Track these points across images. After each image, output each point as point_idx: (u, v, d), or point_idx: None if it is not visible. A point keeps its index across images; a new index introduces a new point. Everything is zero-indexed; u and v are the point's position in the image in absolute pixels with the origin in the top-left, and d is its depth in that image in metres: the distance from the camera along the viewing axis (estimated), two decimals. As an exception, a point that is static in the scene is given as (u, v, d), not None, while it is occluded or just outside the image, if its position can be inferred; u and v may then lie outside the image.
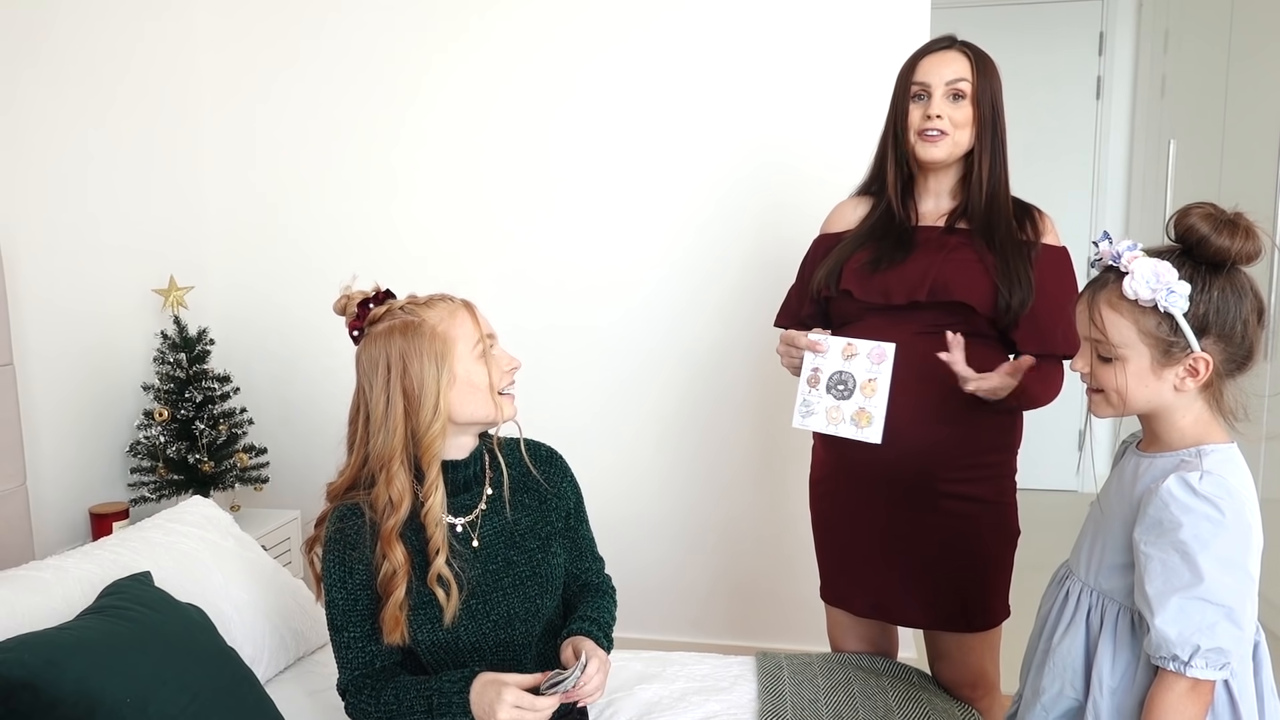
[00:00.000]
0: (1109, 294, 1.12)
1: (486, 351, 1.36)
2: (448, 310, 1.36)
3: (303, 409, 2.83)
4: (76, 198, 2.30)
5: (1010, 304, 1.56)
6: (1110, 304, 1.12)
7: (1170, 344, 1.09)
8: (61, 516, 2.26)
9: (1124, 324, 1.11)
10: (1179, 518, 1.06)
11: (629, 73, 2.58)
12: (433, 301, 1.38)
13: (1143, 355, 1.11)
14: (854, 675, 1.69)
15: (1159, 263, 1.08)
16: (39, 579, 1.49)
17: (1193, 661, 1.05)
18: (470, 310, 1.38)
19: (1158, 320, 1.09)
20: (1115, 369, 1.13)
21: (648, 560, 2.75)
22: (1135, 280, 1.08)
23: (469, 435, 1.42)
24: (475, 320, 1.37)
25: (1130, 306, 1.10)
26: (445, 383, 1.32)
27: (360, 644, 1.36)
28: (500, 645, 1.40)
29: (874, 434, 1.52)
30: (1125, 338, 1.11)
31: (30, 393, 2.15)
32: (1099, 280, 1.15)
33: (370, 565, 1.34)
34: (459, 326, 1.35)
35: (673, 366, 2.68)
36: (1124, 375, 1.12)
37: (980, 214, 1.62)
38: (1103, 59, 4.09)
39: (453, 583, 1.34)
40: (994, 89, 1.61)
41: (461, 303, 1.39)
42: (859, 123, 2.40)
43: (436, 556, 1.33)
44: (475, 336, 1.36)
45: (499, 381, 1.37)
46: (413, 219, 2.73)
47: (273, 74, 2.74)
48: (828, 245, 1.76)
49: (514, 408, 1.41)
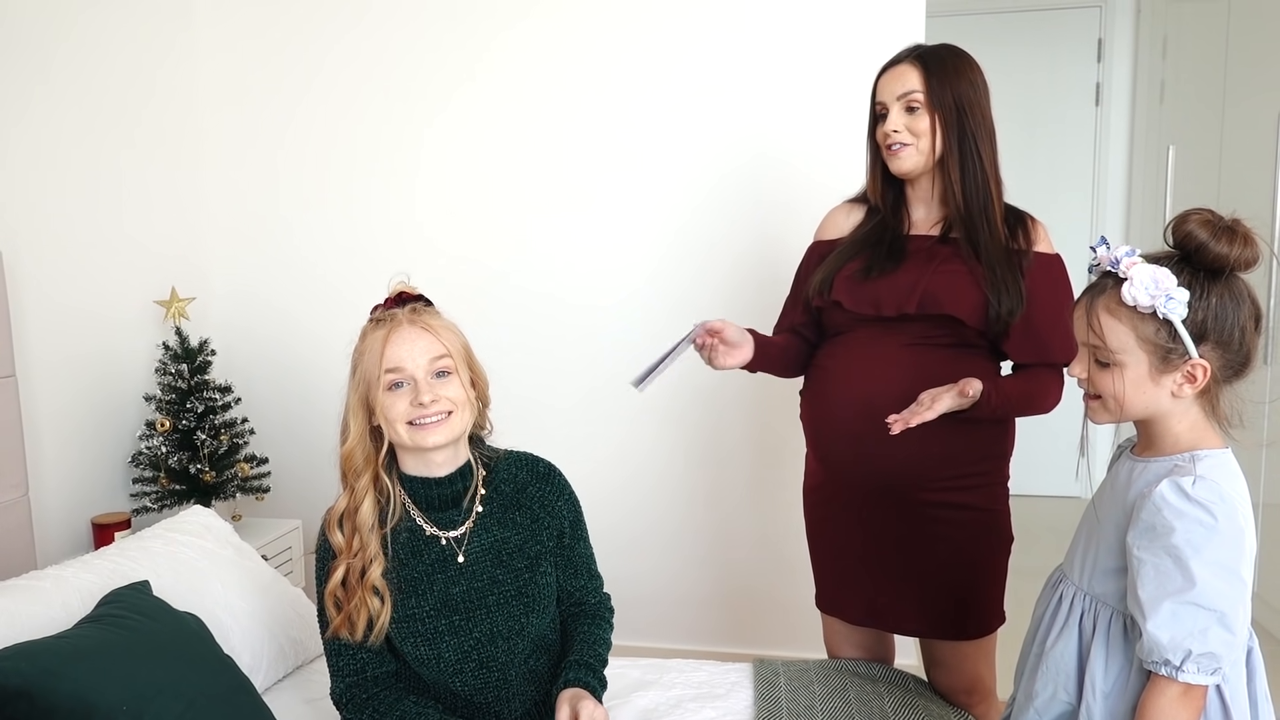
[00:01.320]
0: (1107, 300, 1.12)
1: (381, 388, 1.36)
2: (377, 337, 1.37)
3: (305, 419, 2.84)
4: (79, 208, 2.32)
5: (1000, 313, 1.56)
6: (1108, 310, 1.12)
7: (1168, 350, 1.09)
8: (64, 526, 2.27)
9: (1122, 330, 1.11)
10: (1172, 522, 1.07)
11: (620, 67, 2.59)
12: (383, 320, 1.39)
13: (1141, 361, 1.11)
14: (850, 682, 1.69)
15: (1158, 269, 1.08)
16: (38, 588, 1.50)
17: (1184, 666, 1.05)
18: (386, 341, 1.36)
19: (1156, 326, 1.09)
20: (1113, 375, 1.13)
21: (643, 567, 2.74)
22: (1134, 286, 1.08)
23: (441, 454, 1.41)
24: (382, 353, 1.35)
25: (1129, 312, 1.11)
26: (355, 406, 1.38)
27: (350, 651, 1.37)
28: (483, 663, 1.40)
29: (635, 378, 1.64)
30: (1123, 344, 1.11)
31: (33, 403, 2.16)
32: (1097, 286, 1.15)
33: None
34: (370, 356, 1.37)
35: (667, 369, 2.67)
36: (1122, 381, 1.12)
37: (963, 219, 1.62)
38: (1101, 66, 4.09)
39: (385, 595, 1.36)
40: (957, 92, 1.59)
41: (388, 328, 1.37)
42: (849, 126, 2.41)
43: (371, 565, 1.36)
44: (377, 372, 1.35)
45: (402, 414, 1.36)
46: (413, 225, 2.74)
47: (275, 84, 2.76)
48: (821, 253, 1.77)
49: (434, 436, 1.36)
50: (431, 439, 1.36)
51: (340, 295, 2.78)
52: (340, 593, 1.36)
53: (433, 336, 1.37)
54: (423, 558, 1.41)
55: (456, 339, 1.42)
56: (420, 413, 1.34)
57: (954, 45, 1.65)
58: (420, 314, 1.39)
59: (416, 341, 1.36)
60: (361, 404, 1.38)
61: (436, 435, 1.36)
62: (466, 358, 1.43)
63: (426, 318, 1.39)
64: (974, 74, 1.62)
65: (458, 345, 1.41)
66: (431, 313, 1.42)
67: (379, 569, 1.36)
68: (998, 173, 1.64)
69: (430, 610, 1.38)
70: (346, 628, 1.36)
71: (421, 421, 1.35)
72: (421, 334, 1.36)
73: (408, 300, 1.42)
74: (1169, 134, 3.64)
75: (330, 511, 1.42)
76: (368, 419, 1.38)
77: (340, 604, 1.36)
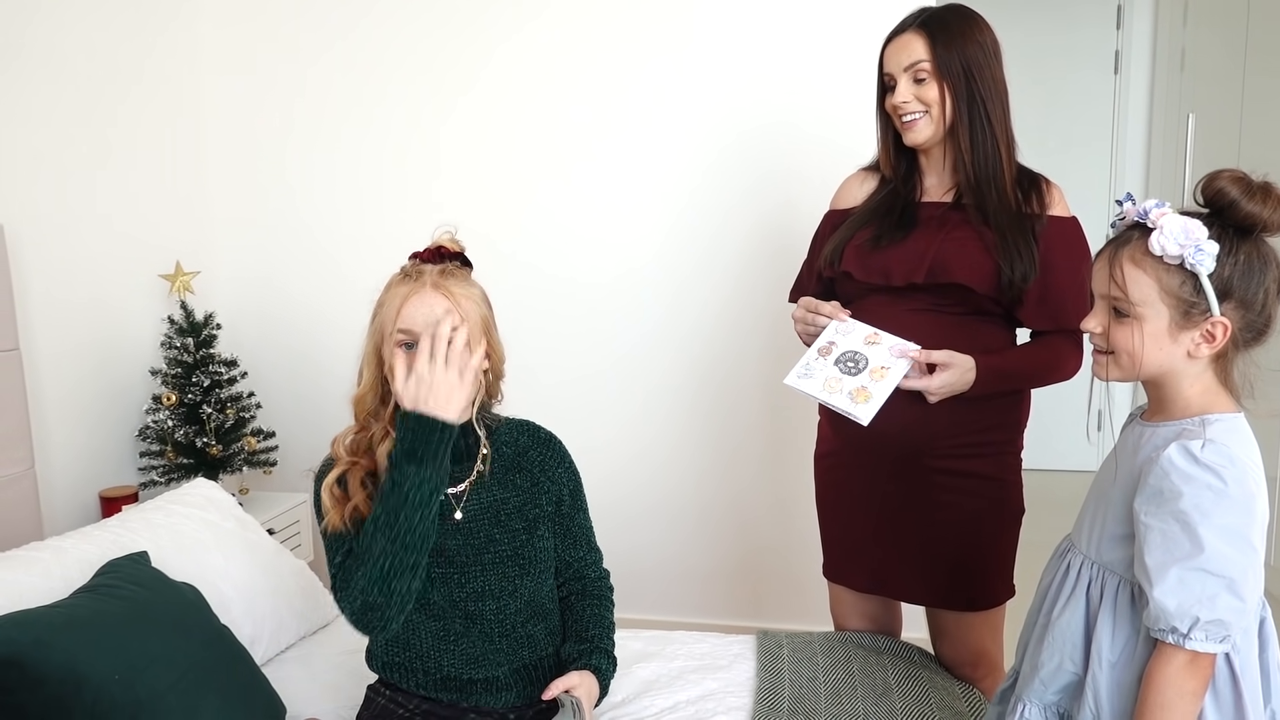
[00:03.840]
0: (1133, 250, 1.09)
1: (391, 344, 1.34)
2: (399, 292, 1.35)
3: (312, 392, 2.84)
4: (84, 182, 2.31)
5: (1012, 279, 1.53)
6: (1133, 260, 1.09)
7: (1191, 305, 1.07)
8: (72, 500, 2.28)
9: (1146, 281, 1.08)
10: (1179, 487, 1.03)
11: (624, 35, 2.55)
12: (410, 275, 1.37)
13: (1161, 315, 1.08)
14: (854, 654, 1.67)
15: (1189, 220, 1.06)
16: (38, 559, 1.50)
17: (1191, 634, 1.02)
18: (406, 299, 1.34)
19: (1181, 279, 1.06)
20: (1131, 328, 1.10)
21: (650, 539, 2.73)
22: (1164, 235, 1.05)
23: None
24: (399, 310, 1.34)
25: (1154, 263, 1.08)
26: (370, 355, 1.38)
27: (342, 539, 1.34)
28: (470, 617, 1.40)
29: (866, 413, 1.48)
30: (1145, 295, 1.08)
31: (39, 378, 2.17)
32: (1122, 237, 1.12)
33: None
34: (387, 309, 1.36)
35: (676, 340, 2.65)
36: (1140, 335, 1.09)
37: (972, 187, 1.58)
38: (1120, 33, 4.01)
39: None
40: (966, 57, 1.54)
41: (411, 286, 1.35)
42: (860, 88, 2.35)
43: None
44: (390, 328, 1.34)
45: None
46: (420, 198, 2.72)
47: (279, 58, 2.73)
48: (834, 222, 1.75)
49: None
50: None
51: (346, 269, 2.77)
52: (336, 490, 1.36)
53: (452, 304, 1.34)
54: None
55: (476, 310, 1.38)
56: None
57: (961, 5, 1.60)
58: (448, 277, 1.37)
59: (435, 307, 1.33)
60: (375, 353, 1.38)
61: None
62: (485, 330, 1.40)
63: (451, 283, 1.36)
64: (982, 34, 1.57)
65: (476, 317, 1.38)
66: (460, 278, 1.39)
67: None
68: (1009, 135, 1.60)
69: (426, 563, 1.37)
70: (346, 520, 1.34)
71: None
72: (442, 300, 1.34)
73: (446, 256, 1.40)
74: (1189, 102, 3.56)
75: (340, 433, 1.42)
76: (379, 368, 1.38)
77: (336, 501, 1.36)
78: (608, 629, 1.51)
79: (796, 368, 1.57)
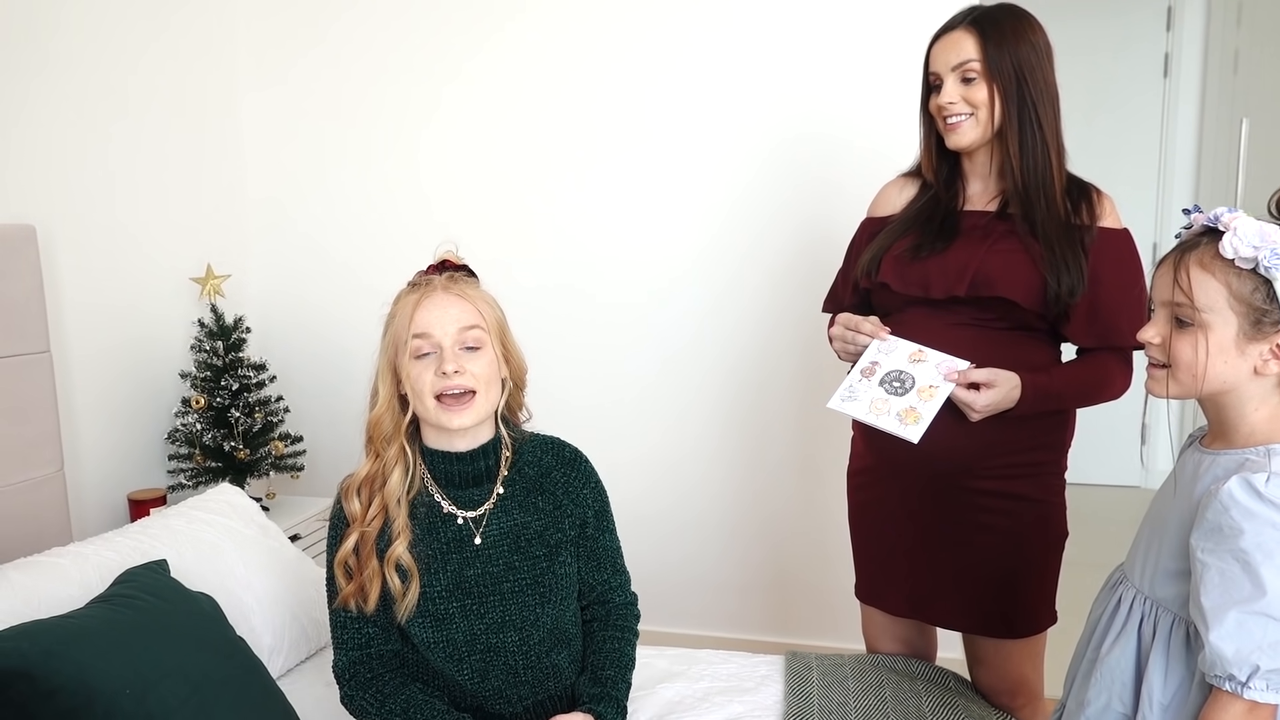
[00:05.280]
0: (1201, 254, 1.03)
1: (408, 354, 1.31)
2: (409, 300, 1.32)
3: (342, 398, 2.83)
4: (116, 185, 2.31)
5: (1059, 294, 1.46)
6: (1201, 264, 1.03)
7: (1262, 314, 1.00)
8: (102, 502, 2.29)
9: (1214, 285, 1.02)
10: (1240, 524, 0.97)
11: (662, 41, 2.51)
12: (418, 285, 1.34)
13: (1229, 324, 1.02)
14: (887, 678, 1.61)
15: (1264, 224, 1.00)
16: (57, 565, 1.49)
17: (1251, 683, 0.95)
18: (418, 305, 1.31)
19: (1254, 285, 1.00)
20: (1195, 338, 1.03)
21: (683, 553, 2.69)
22: (1237, 236, 0.99)
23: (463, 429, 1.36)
24: (411, 317, 1.30)
25: (1224, 267, 1.01)
26: (384, 370, 1.34)
27: (357, 624, 1.33)
28: (491, 649, 1.35)
29: (915, 433, 1.42)
30: (1213, 301, 1.02)
31: (70, 380, 2.17)
32: (1189, 242, 1.06)
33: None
34: (400, 319, 1.32)
35: (712, 352, 2.61)
36: (1204, 345, 1.03)
37: (1019, 195, 1.52)
38: (1170, 34, 3.89)
39: (413, 573, 1.31)
40: (1017, 57, 1.48)
41: (421, 292, 1.32)
42: (899, 95, 2.29)
43: (397, 540, 1.31)
44: (405, 336, 1.30)
45: (429, 386, 1.30)
46: (453, 204, 2.70)
47: (312, 63, 2.73)
48: (872, 230, 1.69)
49: (459, 418, 1.30)
50: (456, 420, 1.31)
51: (378, 276, 2.74)
52: (352, 560, 1.32)
53: (466, 304, 1.32)
54: (439, 535, 1.36)
55: (492, 312, 1.36)
56: (445, 384, 1.29)
57: (1014, 5, 1.54)
58: (457, 282, 1.35)
59: (449, 309, 1.30)
60: (389, 368, 1.34)
61: (462, 417, 1.31)
62: (501, 333, 1.37)
63: (463, 286, 1.34)
64: (1035, 35, 1.51)
65: (492, 318, 1.35)
66: (470, 283, 1.37)
67: (405, 544, 1.31)
68: (1060, 142, 1.53)
69: (442, 591, 1.33)
70: (357, 598, 1.31)
71: (449, 394, 1.29)
72: (455, 301, 1.31)
73: (450, 269, 1.38)
74: (1242, 106, 3.44)
75: (349, 478, 1.38)
76: (396, 385, 1.34)
77: (351, 573, 1.32)
78: (625, 668, 1.44)
79: (840, 390, 1.51)
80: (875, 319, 1.56)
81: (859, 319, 1.57)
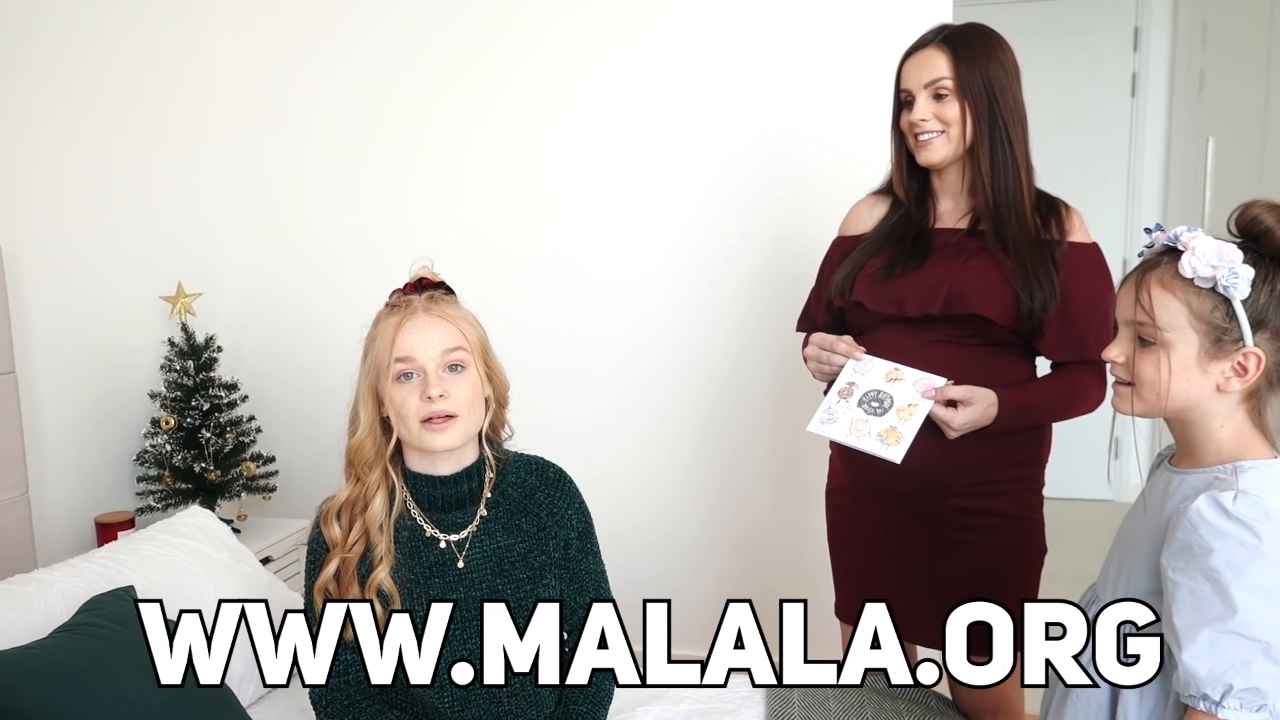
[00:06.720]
0: (1161, 273, 1.05)
1: (391, 378, 1.29)
2: (390, 323, 1.31)
3: (315, 418, 2.79)
4: (86, 203, 2.27)
5: (1031, 309, 1.47)
6: (1162, 283, 1.04)
7: (1222, 332, 1.01)
8: (67, 526, 2.24)
9: (1175, 305, 1.03)
10: (1209, 542, 0.97)
11: (635, 57, 2.51)
12: (397, 306, 1.33)
13: (1190, 342, 1.03)
14: (868, 698, 1.61)
15: (1222, 243, 1.01)
16: (19, 592, 1.45)
17: (1225, 702, 0.96)
18: (399, 328, 1.29)
19: (1213, 304, 1.01)
20: (1158, 356, 1.04)
21: (658, 569, 2.67)
22: (1196, 256, 1.00)
23: (446, 451, 1.34)
24: (393, 341, 1.29)
25: (1184, 286, 1.02)
26: (365, 395, 1.32)
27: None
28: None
29: (898, 453, 1.43)
30: (1174, 320, 1.03)
31: (35, 400, 2.13)
32: (1150, 261, 1.08)
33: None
34: (381, 343, 1.30)
35: (686, 368, 2.60)
36: (1167, 364, 1.04)
37: (990, 212, 1.53)
38: (1137, 55, 3.95)
39: (394, 597, 1.29)
40: (988, 76, 1.50)
41: (402, 314, 1.31)
42: (870, 114, 2.32)
43: (379, 565, 1.29)
44: (387, 360, 1.29)
45: (415, 411, 1.29)
46: (427, 221, 2.69)
47: (288, 80, 2.71)
48: (844, 249, 1.70)
49: (443, 438, 1.29)
50: (440, 441, 1.29)
51: (354, 294, 2.72)
52: (332, 587, 1.30)
53: (449, 325, 1.30)
54: (420, 560, 1.34)
55: (474, 331, 1.35)
56: (431, 409, 1.27)
57: (982, 25, 1.57)
58: (438, 302, 1.33)
59: (430, 331, 1.29)
60: (371, 393, 1.32)
61: (446, 438, 1.30)
62: (483, 353, 1.36)
63: (444, 306, 1.33)
64: (1004, 55, 1.53)
65: (475, 338, 1.34)
66: (450, 302, 1.36)
67: (387, 569, 1.30)
68: (1029, 160, 1.56)
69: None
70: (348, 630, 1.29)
71: (434, 417, 1.28)
72: (437, 323, 1.30)
73: (427, 287, 1.36)
74: (1208, 125, 3.50)
75: (328, 502, 1.36)
76: (377, 409, 1.32)
77: (331, 600, 1.30)
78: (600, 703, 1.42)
79: (819, 413, 1.51)
80: (849, 338, 1.56)
81: (834, 338, 1.57)
